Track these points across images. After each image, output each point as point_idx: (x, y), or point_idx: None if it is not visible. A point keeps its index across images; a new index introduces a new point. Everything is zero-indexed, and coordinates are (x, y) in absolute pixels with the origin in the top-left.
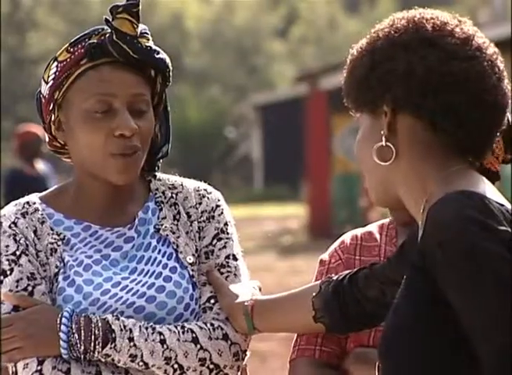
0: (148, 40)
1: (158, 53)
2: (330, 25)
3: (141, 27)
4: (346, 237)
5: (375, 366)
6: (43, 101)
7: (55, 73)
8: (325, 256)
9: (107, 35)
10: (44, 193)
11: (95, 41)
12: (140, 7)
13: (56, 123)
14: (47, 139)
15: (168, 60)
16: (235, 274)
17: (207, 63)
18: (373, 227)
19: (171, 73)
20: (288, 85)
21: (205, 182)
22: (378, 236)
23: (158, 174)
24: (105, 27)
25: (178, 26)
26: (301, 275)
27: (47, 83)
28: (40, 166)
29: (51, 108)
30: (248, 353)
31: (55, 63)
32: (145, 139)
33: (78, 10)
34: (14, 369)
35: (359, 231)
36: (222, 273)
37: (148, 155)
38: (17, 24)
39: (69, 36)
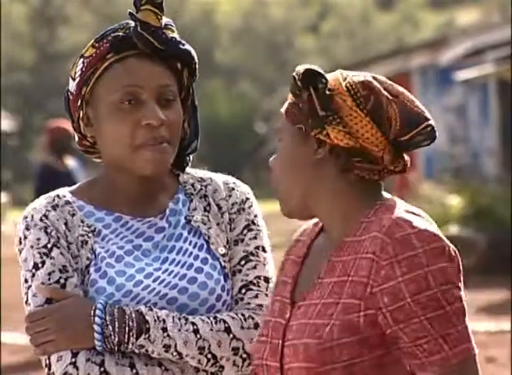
0: (173, 31)
1: (184, 45)
2: (362, 19)
3: (165, 20)
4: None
5: None
6: (71, 98)
7: (81, 69)
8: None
9: (131, 28)
10: (73, 187)
11: (120, 34)
12: (168, 0)
13: (85, 119)
14: (76, 138)
15: (193, 52)
16: (264, 264)
17: (237, 58)
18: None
19: (197, 66)
20: None
21: (235, 177)
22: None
23: (186, 169)
24: (130, 21)
25: (209, 21)
26: None
27: (74, 79)
28: (70, 161)
29: (79, 104)
30: None
31: (81, 60)
32: (174, 130)
33: (109, 5)
34: (47, 361)
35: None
36: (251, 261)
37: (177, 151)
38: (48, 19)
39: (100, 31)
